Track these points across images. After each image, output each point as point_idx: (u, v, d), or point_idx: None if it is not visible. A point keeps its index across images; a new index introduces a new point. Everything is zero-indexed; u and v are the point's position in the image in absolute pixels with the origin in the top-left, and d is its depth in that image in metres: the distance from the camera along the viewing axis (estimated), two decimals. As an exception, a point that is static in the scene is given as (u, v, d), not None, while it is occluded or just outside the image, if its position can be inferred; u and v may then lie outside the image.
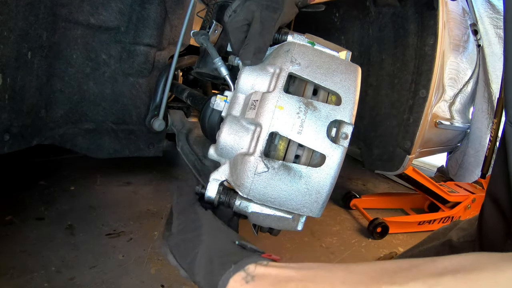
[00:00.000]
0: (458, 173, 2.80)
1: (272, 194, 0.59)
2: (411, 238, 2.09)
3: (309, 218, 0.65)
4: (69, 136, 1.13)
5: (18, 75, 0.89)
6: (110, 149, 1.24)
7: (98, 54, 1.10)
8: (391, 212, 2.41)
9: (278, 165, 0.58)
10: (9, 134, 0.92)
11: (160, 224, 1.70)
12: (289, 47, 0.65)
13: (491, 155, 2.55)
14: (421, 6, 1.55)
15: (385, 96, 1.75)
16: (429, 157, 3.02)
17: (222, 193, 0.64)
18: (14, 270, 1.23)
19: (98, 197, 1.84)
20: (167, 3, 1.13)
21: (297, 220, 0.64)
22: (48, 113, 1.06)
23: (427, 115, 1.60)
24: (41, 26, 0.90)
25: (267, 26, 0.64)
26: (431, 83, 1.55)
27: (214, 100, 0.68)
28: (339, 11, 1.90)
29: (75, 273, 1.27)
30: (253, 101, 0.61)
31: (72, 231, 1.51)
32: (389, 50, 1.71)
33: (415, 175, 2.27)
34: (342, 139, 0.58)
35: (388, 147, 1.74)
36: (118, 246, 1.47)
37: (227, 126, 0.62)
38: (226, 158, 0.64)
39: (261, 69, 0.64)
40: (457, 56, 2.04)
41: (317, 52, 0.66)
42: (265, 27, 0.64)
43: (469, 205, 2.27)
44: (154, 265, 1.40)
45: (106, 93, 1.16)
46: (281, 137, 0.61)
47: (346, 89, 0.61)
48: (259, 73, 0.64)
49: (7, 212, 1.52)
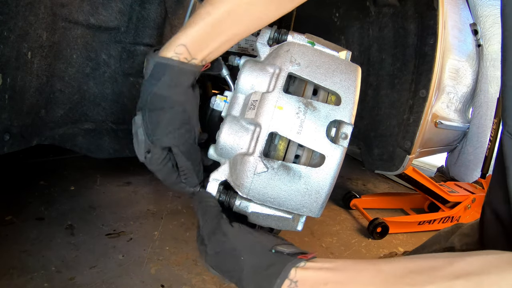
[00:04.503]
0: (456, 171, 2.80)
1: (272, 194, 0.59)
2: (411, 238, 2.09)
3: (309, 218, 0.65)
4: (69, 136, 1.13)
5: (18, 75, 0.89)
6: (110, 149, 1.23)
7: (98, 54, 1.10)
8: (391, 212, 2.41)
9: (277, 165, 0.58)
10: (9, 134, 0.92)
11: (160, 224, 1.70)
12: (288, 47, 0.65)
13: (491, 155, 2.54)
14: (421, 6, 1.55)
15: (385, 96, 1.75)
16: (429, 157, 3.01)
17: (222, 192, 0.64)
18: (14, 270, 1.23)
19: (98, 197, 1.84)
20: (167, 3, 1.13)
21: (297, 220, 0.64)
22: (48, 113, 1.05)
23: (427, 115, 1.60)
24: (41, 26, 0.90)
25: (190, 153, 0.62)
26: (431, 83, 1.55)
27: (214, 100, 0.68)
28: (339, 11, 1.90)
29: (75, 273, 1.27)
30: (253, 101, 0.61)
31: (72, 231, 1.51)
32: (389, 50, 1.71)
33: (415, 175, 2.27)
34: (341, 139, 0.58)
35: (388, 147, 1.74)
36: (118, 246, 1.47)
37: (227, 126, 0.62)
38: (226, 158, 0.64)
39: (261, 69, 0.64)
40: (457, 56, 2.04)
41: (317, 52, 0.66)
42: (189, 156, 0.62)
43: (469, 205, 2.26)
44: (154, 265, 1.40)
45: (106, 93, 1.16)
46: (281, 137, 0.61)
47: (346, 89, 0.61)
48: (258, 73, 0.64)
49: (7, 212, 1.52)
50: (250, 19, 0.62)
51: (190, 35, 0.58)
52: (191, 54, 0.58)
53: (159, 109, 0.58)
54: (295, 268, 0.47)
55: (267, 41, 0.70)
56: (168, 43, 0.59)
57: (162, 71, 0.57)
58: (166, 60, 0.57)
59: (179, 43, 0.57)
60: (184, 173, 0.64)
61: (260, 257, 0.51)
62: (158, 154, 0.61)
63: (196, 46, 0.58)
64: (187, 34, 0.58)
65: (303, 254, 0.51)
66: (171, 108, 0.58)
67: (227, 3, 0.59)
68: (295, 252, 0.51)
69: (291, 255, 0.50)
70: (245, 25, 0.62)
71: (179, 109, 0.58)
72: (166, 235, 1.62)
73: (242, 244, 0.53)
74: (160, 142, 0.59)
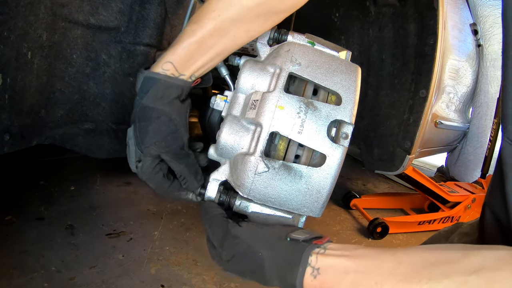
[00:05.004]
0: (456, 171, 2.80)
1: (273, 194, 0.59)
2: (411, 238, 2.09)
3: (309, 218, 0.65)
4: (69, 136, 1.13)
5: (18, 75, 0.89)
6: (110, 149, 1.23)
7: (98, 54, 1.10)
8: (391, 212, 2.41)
9: (278, 165, 0.58)
10: (9, 134, 0.92)
11: (160, 224, 1.70)
12: (289, 47, 0.65)
13: (491, 155, 2.54)
14: (421, 6, 1.55)
15: (385, 96, 1.75)
16: (429, 157, 3.01)
17: (222, 192, 0.64)
18: (14, 270, 1.23)
19: (98, 197, 1.84)
20: (167, 3, 1.12)
21: (297, 220, 0.64)
22: (48, 113, 1.05)
23: (427, 115, 1.60)
24: (41, 26, 0.90)
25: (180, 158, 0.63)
26: (431, 83, 1.55)
27: (214, 100, 0.68)
28: (339, 11, 1.90)
29: (75, 273, 1.27)
30: (253, 101, 0.61)
31: (72, 231, 1.51)
32: (389, 50, 1.71)
33: (415, 175, 2.27)
34: (342, 139, 0.58)
35: (388, 147, 1.74)
36: (118, 246, 1.47)
37: (227, 126, 0.62)
38: (226, 158, 0.64)
39: (262, 69, 0.64)
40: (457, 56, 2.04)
41: (317, 52, 0.66)
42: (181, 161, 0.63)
43: (469, 205, 2.26)
44: (154, 265, 1.40)
45: (106, 93, 1.16)
46: (282, 137, 0.61)
47: (346, 89, 0.61)
48: (259, 73, 0.64)
49: (7, 212, 1.52)
50: (237, 34, 0.63)
51: (177, 53, 0.61)
52: (178, 71, 0.61)
53: (146, 120, 0.61)
54: (316, 255, 0.49)
55: (267, 41, 0.70)
56: (158, 60, 0.62)
57: (149, 84, 0.60)
58: (153, 74, 0.61)
59: (166, 61, 0.61)
60: (182, 178, 0.66)
61: (277, 249, 0.52)
62: (149, 163, 0.63)
63: (183, 63, 0.61)
64: (174, 52, 0.61)
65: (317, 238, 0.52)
66: (158, 118, 0.61)
67: (212, 21, 0.60)
68: (310, 238, 0.52)
69: (306, 241, 0.52)
70: (232, 40, 0.63)
71: (166, 119, 0.61)
72: (166, 235, 1.62)
73: (256, 239, 0.54)
74: (149, 150, 0.61)
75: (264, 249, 0.52)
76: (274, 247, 0.52)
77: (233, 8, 0.60)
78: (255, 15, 0.62)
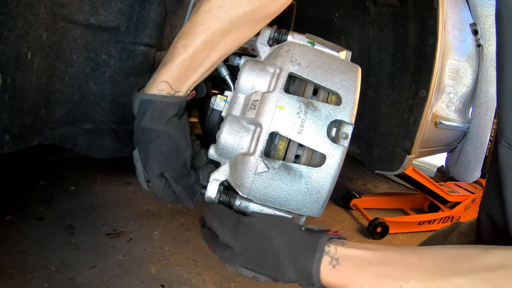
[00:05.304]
0: (456, 171, 2.79)
1: (273, 194, 0.59)
2: (411, 238, 2.09)
3: (309, 218, 0.65)
4: (69, 136, 1.13)
5: (18, 75, 0.89)
6: (110, 149, 1.23)
7: (98, 54, 1.10)
8: (391, 212, 2.41)
9: (278, 165, 0.58)
10: (9, 134, 0.92)
11: (160, 224, 1.70)
12: (289, 47, 0.65)
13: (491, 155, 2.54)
14: (421, 6, 1.55)
15: (385, 96, 1.75)
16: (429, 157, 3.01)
17: (222, 192, 0.64)
18: (14, 270, 1.23)
19: (98, 197, 1.84)
20: (167, 3, 1.12)
21: (297, 220, 0.64)
22: (48, 113, 1.05)
23: (427, 115, 1.59)
24: (41, 26, 0.90)
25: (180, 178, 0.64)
26: (431, 83, 1.55)
27: (214, 100, 0.68)
28: (339, 11, 1.90)
29: (75, 273, 1.27)
30: (253, 101, 0.61)
31: (72, 231, 1.51)
32: (389, 50, 1.71)
33: (415, 175, 2.27)
34: (342, 139, 0.58)
35: (388, 147, 1.74)
36: (118, 246, 1.47)
37: (227, 126, 0.62)
38: (226, 158, 0.64)
39: (261, 69, 0.64)
40: (457, 56, 2.03)
41: (317, 52, 0.66)
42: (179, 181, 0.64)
43: (469, 205, 2.27)
44: (154, 265, 1.40)
45: (106, 93, 1.16)
46: (281, 137, 0.61)
47: (346, 89, 0.61)
48: (259, 73, 0.64)
49: (7, 212, 1.52)
50: (227, 45, 0.63)
51: (170, 71, 0.60)
52: (173, 89, 0.61)
53: (147, 141, 0.61)
54: (334, 246, 0.49)
55: (267, 41, 0.70)
56: (152, 80, 0.62)
57: (146, 107, 0.60)
58: (149, 96, 0.60)
59: (161, 80, 0.60)
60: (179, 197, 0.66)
61: (293, 236, 0.52)
62: (158, 183, 0.63)
63: (178, 81, 0.61)
64: (168, 70, 0.60)
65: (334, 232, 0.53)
66: (157, 138, 0.61)
67: (202, 34, 0.60)
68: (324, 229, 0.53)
69: (321, 232, 0.52)
70: (223, 50, 0.64)
71: (165, 138, 0.61)
72: (166, 235, 1.62)
73: (270, 226, 0.54)
74: (153, 170, 0.62)
75: (279, 235, 0.52)
76: (289, 234, 0.52)
77: (221, 19, 0.60)
78: (243, 24, 0.63)
